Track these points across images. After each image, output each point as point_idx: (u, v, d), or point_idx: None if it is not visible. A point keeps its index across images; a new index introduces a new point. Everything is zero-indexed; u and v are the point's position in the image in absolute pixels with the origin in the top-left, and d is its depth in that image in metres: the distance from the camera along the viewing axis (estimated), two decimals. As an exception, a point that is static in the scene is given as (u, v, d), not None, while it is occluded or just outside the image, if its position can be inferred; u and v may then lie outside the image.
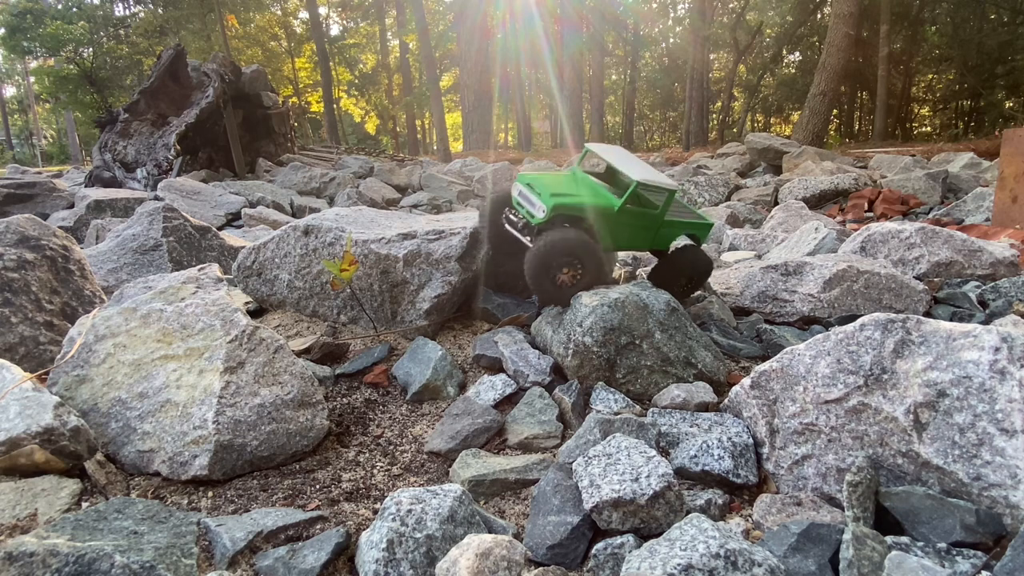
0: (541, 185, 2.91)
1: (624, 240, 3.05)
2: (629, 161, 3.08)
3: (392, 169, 17.78)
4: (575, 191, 2.94)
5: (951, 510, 1.61)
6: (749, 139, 15.37)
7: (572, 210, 2.82)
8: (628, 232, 3.02)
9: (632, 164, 3.03)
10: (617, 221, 2.93)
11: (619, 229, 2.98)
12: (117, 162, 16.19)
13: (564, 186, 2.96)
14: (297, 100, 42.28)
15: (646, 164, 3.13)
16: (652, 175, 2.92)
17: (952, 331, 1.84)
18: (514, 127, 51.34)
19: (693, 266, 3.26)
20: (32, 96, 51.46)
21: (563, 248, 2.74)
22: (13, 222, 3.29)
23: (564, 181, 3.05)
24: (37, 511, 1.85)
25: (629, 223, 2.99)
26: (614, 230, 2.97)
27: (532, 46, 34.31)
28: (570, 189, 2.96)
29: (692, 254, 3.25)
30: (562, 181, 3.04)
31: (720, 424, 2.21)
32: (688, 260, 3.25)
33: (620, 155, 3.15)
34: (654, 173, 2.97)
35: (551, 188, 2.87)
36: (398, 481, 2.20)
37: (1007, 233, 5.15)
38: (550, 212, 2.77)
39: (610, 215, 2.89)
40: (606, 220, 2.90)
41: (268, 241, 3.50)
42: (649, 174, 2.92)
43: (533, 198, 2.88)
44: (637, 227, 3.04)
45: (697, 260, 3.27)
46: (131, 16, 39.64)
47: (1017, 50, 27.97)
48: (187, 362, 2.34)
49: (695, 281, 3.34)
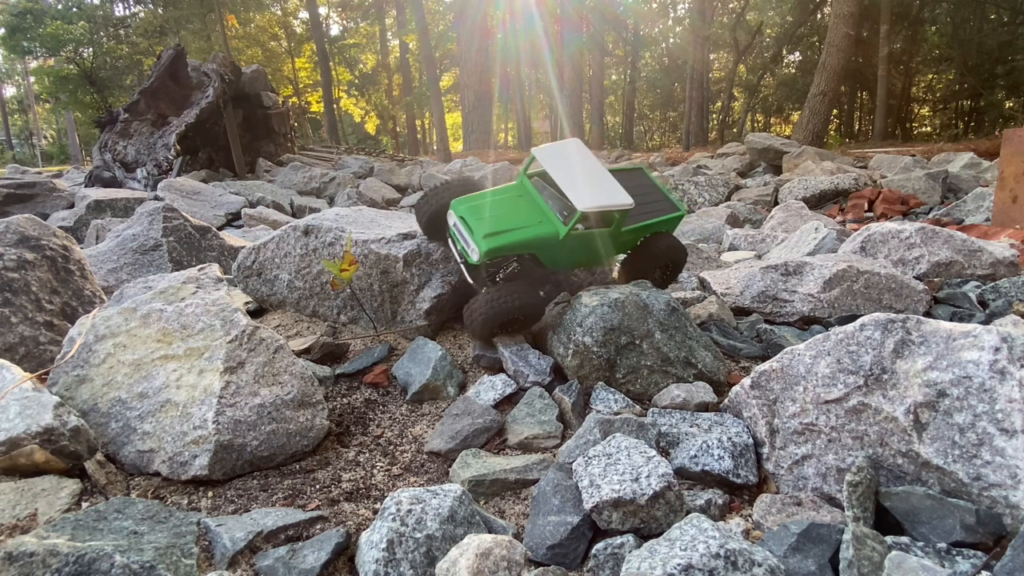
0: (475, 218, 2.65)
1: (578, 259, 2.86)
2: (577, 175, 2.74)
3: (392, 169, 17.78)
4: (514, 219, 2.66)
5: (951, 510, 1.61)
6: (749, 139, 15.37)
7: (508, 249, 2.60)
8: (580, 253, 2.82)
9: (580, 181, 2.70)
10: (565, 246, 2.70)
11: (569, 252, 2.77)
12: (117, 162, 16.19)
13: (502, 214, 2.68)
14: (297, 100, 42.29)
15: (599, 171, 2.82)
16: (600, 198, 2.62)
17: (952, 331, 1.84)
18: (514, 127, 51.35)
19: (666, 255, 3.08)
20: (32, 96, 51.46)
21: (507, 310, 2.61)
22: (13, 222, 3.29)
23: (504, 204, 2.75)
24: (37, 511, 1.85)
25: (580, 245, 2.76)
26: (563, 254, 2.76)
27: (532, 46, 34.32)
28: (508, 218, 2.67)
29: (665, 243, 3.06)
30: (501, 205, 2.74)
31: (720, 424, 2.21)
32: (661, 250, 3.05)
33: (568, 166, 2.79)
34: (605, 191, 2.67)
35: (486, 222, 2.62)
36: (398, 481, 2.20)
37: (1007, 233, 5.14)
38: (483, 256, 2.56)
39: (555, 243, 2.66)
40: (551, 248, 2.68)
41: (268, 241, 3.50)
42: (598, 196, 2.62)
43: (467, 235, 2.63)
44: (590, 247, 2.81)
45: (670, 249, 3.08)
46: (131, 16, 39.64)
47: (1017, 50, 27.97)
48: (187, 362, 2.34)
49: (670, 271, 3.18)
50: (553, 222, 2.67)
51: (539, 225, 2.66)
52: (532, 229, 2.63)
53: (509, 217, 2.67)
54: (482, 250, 2.55)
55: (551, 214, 2.71)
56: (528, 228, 2.63)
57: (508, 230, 2.61)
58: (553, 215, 2.70)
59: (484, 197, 2.79)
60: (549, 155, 2.82)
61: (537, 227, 2.64)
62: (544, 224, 2.66)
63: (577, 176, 2.71)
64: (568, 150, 2.88)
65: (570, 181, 2.66)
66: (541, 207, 2.75)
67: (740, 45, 33.48)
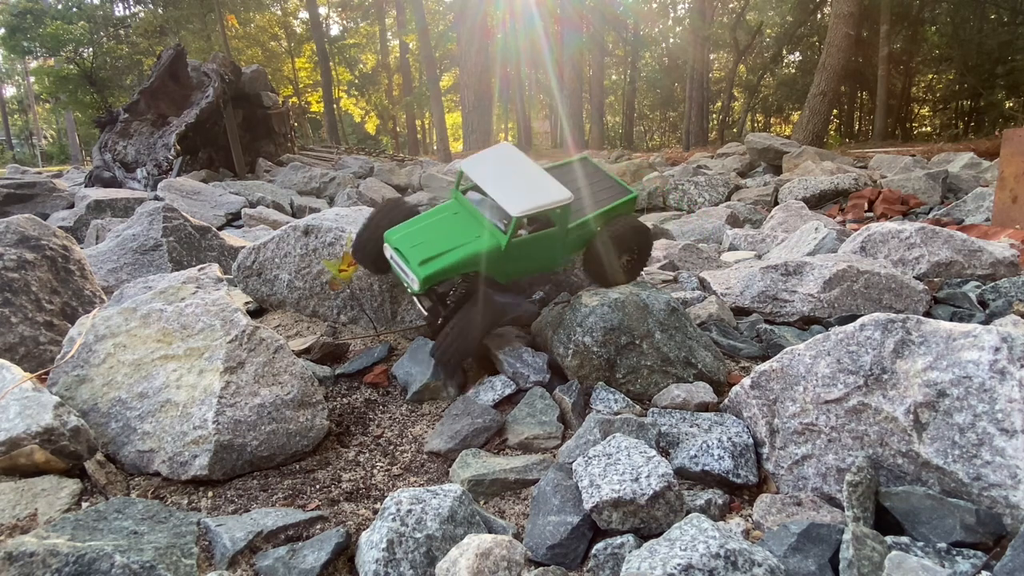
0: (409, 246, 2.52)
1: (531, 266, 2.73)
2: (508, 180, 2.61)
3: (392, 169, 17.78)
4: (450, 240, 2.55)
5: (951, 510, 1.61)
6: (749, 139, 15.38)
7: (449, 272, 2.48)
8: (532, 260, 2.69)
9: (511, 185, 2.57)
10: (511, 257, 2.58)
11: (518, 262, 2.64)
12: (117, 162, 16.19)
13: (437, 237, 2.56)
14: (297, 100, 42.29)
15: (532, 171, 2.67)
16: (534, 199, 2.50)
17: (952, 331, 1.84)
18: (514, 127, 51.36)
19: (628, 240, 2.90)
20: (32, 96, 51.47)
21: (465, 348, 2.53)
22: (13, 222, 3.29)
23: (439, 226, 2.63)
24: (37, 511, 1.85)
25: (528, 252, 2.64)
26: (512, 265, 2.63)
27: (532, 46, 34.34)
28: (444, 239, 2.55)
29: (622, 226, 2.89)
30: (436, 227, 2.62)
31: (720, 424, 2.21)
32: (619, 235, 2.88)
33: (497, 173, 2.66)
34: (539, 191, 2.55)
35: (420, 248, 2.50)
36: (398, 481, 2.20)
37: (1007, 233, 5.14)
38: (422, 285, 2.44)
39: (500, 256, 2.54)
40: (497, 261, 2.55)
41: (268, 241, 3.50)
42: (532, 197, 2.50)
43: (404, 266, 2.52)
44: (540, 251, 2.68)
45: (631, 232, 2.91)
46: (131, 16, 39.64)
47: (1017, 50, 27.97)
48: (187, 362, 2.34)
49: (637, 255, 3.00)
50: (494, 234, 2.55)
51: (478, 240, 2.53)
52: (471, 246, 2.51)
53: (445, 238, 2.55)
54: (420, 278, 2.42)
55: (490, 226, 2.58)
56: (466, 245, 2.51)
57: (445, 252, 2.49)
58: (493, 227, 2.58)
59: (418, 222, 2.66)
60: (476, 165, 2.70)
61: (476, 243, 2.52)
62: (484, 238, 2.54)
63: (507, 181, 2.59)
64: (496, 156, 2.76)
65: (500, 188, 2.54)
66: (479, 221, 2.62)
67: (740, 45, 33.48)
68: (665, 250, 5.42)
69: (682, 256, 5.24)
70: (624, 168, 14.97)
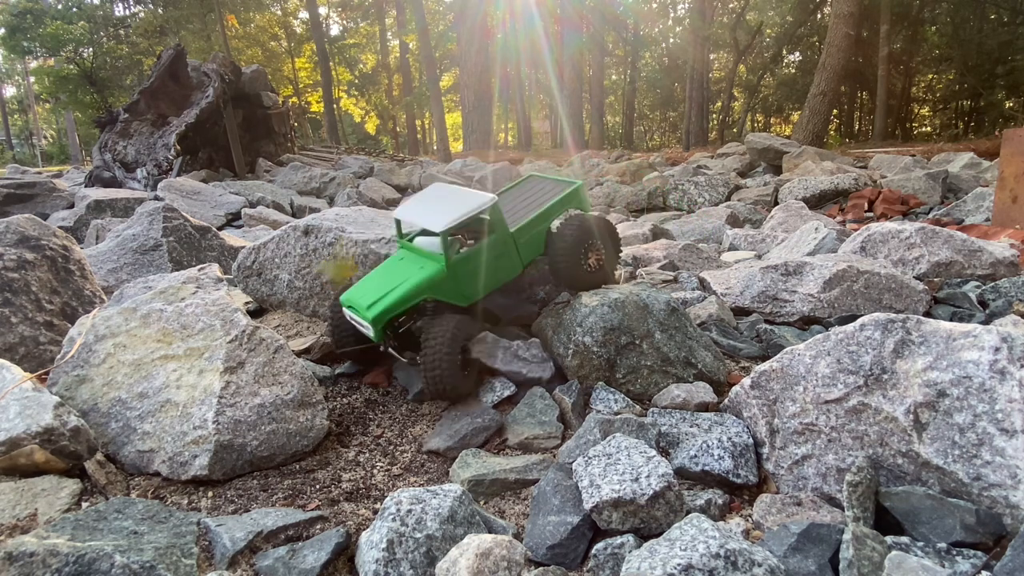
0: (358, 298, 2.58)
1: (487, 281, 2.70)
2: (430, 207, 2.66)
3: (392, 169, 17.79)
4: (394, 279, 2.58)
5: (951, 510, 1.61)
6: (749, 139, 15.37)
7: (398, 305, 2.50)
8: (484, 274, 2.66)
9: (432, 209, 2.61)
10: (460, 276, 2.59)
11: (471, 279, 2.63)
12: (117, 162, 16.19)
13: (382, 282, 2.61)
14: (297, 100, 42.28)
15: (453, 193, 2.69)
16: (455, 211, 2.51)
17: (952, 331, 1.84)
18: (514, 127, 51.36)
19: (583, 234, 2.77)
20: (32, 96, 51.46)
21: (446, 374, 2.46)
22: (13, 222, 3.29)
23: (383, 272, 2.70)
24: (37, 511, 1.85)
25: (475, 267, 2.63)
26: (465, 284, 2.62)
27: (532, 46, 34.33)
28: (389, 281, 2.59)
29: (577, 226, 2.77)
30: (381, 275, 2.69)
31: (720, 424, 2.21)
32: (575, 233, 2.76)
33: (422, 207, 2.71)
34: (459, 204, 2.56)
35: (367, 296, 2.56)
36: (398, 481, 2.20)
37: (1007, 233, 5.14)
38: (377, 333, 2.49)
39: (446, 277, 2.56)
40: (446, 284, 2.58)
41: (268, 241, 3.50)
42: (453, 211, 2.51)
43: (360, 320, 2.56)
44: (490, 263, 2.65)
45: (590, 228, 2.78)
46: (131, 16, 39.63)
47: (1017, 50, 27.96)
48: (187, 362, 2.34)
49: (601, 253, 2.87)
50: (435, 260, 2.58)
51: (421, 271, 2.58)
52: (415, 277, 2.55)
53: (389, 280, 2.61)
54: (370, 320, 2.45)
55: (431, 256, 2.63)
56: (410, 279, 2.55)
57: (390, 290, 2.53)
58: (433, 256, 2.62)
59: (367, 279, 2.72)
60: (408, 208, 2.79)
61: (419, 273, 2.57)
62: (426, 267, 2.58)
63: (429, 208, 2.65)
64: (426, 195, 2.84)
65: (425, 216, 2.59)
66: (422, 256, 2.67)
67: (740, 45, 33.47)
68: (665, 250, 5.42)
69: (682, 256, 5.24)
70: (624, 168, 14.97)
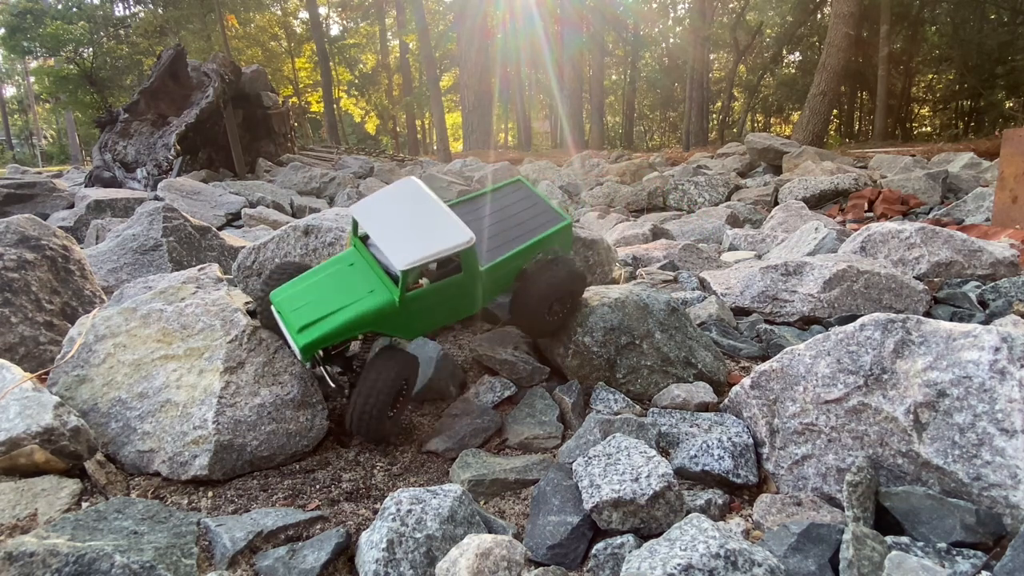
0: (290, 309, 2.18)
1: (439, 319, 2.36)
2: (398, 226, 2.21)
3: (392, 169, 17.80)
4: (337, 298, 2.18)
5: (951, 510, 1.61)
6: (749, 139, 15.38)
7: (333, 338, 2.13)
8: (438, 312, 2.32)
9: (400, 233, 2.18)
10: (411, 312, 2.22)
11: (422, 315, 2.27)
12: (117, 162, 16.19)
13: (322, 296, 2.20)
14: (297, 100, 42.29)
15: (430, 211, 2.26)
16: (426, 246, 2.11)
17: (952, 331, 1.84)
18: (514, 127, 51.39)
19: (559, 285, 2.48)
20: (32, 96, 51.47)
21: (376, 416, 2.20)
22: (13, 222, 3.29)
23: (327, 283, 2.26)
24: (37, 511, 1.85)
25: (433, 304, 2.26)
26: (415, 321, 2.26)
27: (532, 46, 34.36)
28: (330, 298, 2.19)
29: (554, 271, 2.48)
30: (324, 284, 2.25)
31: (720, 424, 2.21)
32: (550, 279, 2.46)
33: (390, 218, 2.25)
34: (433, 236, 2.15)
35: (301, 311, 2.17)
36: (398, 481, 2.20)
37: (1007, 233, 5.14)
38: (304, 355, 2.11)
39: (394, 313, 2.18)
40: (393, 319, 2.19)
41: (268, 241, 3.50)
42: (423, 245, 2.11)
43: (285, 331, 2.20)
44: (449, 302, 2.31)
45: (566, 276, 2.49)
46: (131, 16, 39.63)
47: (1017, 50, 27.96)
48: (187, 362, 2.34)
49: (569, 303, 2.60)
50: (388, 287, 2.20)
51: (369, 297, 2.18)
52: (359, 305, 2.16)
53: (331, 297, 2.20)
54: (299, 347, 2.09)
55: (385, 279, 2.23)
56: (354, 305, 2.16)
57: (328, 315, 2.14)
58: (388, 279, 2.22)
59: (307, 279, 2.30)
60: (369, 209, 2.31)
61: (366, 300, 2.17)
62: (376, 294, 2.18)
63: (398, 228, 2.20)
64: (393, 197, 2.34)
65: (389, 237, 2.17)
66: (375, 274, 2.25)
67: (740, 45, 33.48)
68: (665, 250, 5.42)
69: (682, 256, 5.24)
70: (624, 168, 14.98)
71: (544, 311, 2.51)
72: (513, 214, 2.69)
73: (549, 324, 2.59)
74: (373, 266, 2.29)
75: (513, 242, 2.53)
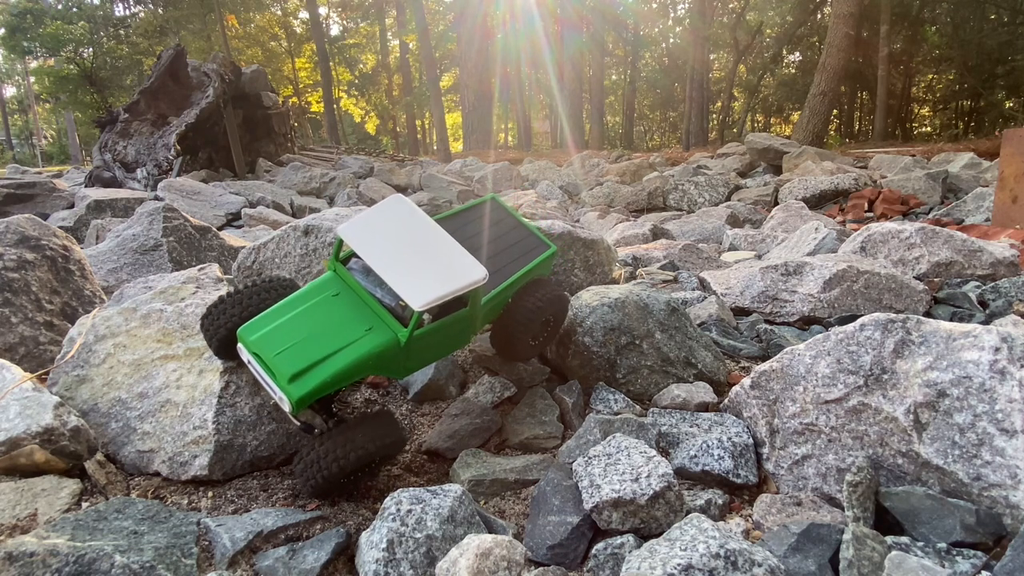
0: (273, 352, 1.88)
1: (435, 355, 2.23)
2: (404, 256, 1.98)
3: (392, 169, 17.80)
4: (330, 339, 1.91)
5: (951, 510, 1.61)
6: (749, 139, 15.39)
7: (332, 386, 1.88)
8: (436, 349, 2.18)
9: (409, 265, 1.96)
10: (414, 350, 2.02)
11: (423, 353, 2.10)
12: (117, 162, 16.19)
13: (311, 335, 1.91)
14: (297, 100, 42.28)
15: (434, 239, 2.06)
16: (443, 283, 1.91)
17: (952, 331, 1.84)
18: (514, 127, 51.39)
19: (543, 310, 2.40)
20: (32, 96, 51.48)
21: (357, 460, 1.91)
22: (13, 222, 3.29)
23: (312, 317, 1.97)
24: (37, 511, 1.85)
25: (434, 342, 2.10)
26: (415, 359, 2.09)
27: (532, 46, 34.36)
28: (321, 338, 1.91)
29: (539, 296, 2.39)
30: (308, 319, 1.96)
31: (720, 424, 2.21)
32: (537, 305, 2.37)
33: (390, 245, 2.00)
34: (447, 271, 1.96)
35: (289, 356, 1.86)
36: (398, 481, 2.20)
37: (1007, 233, 5.14)
38: (298, 407, 1.83)
39: (398, 352, 1.96)
40: (395, 359, 1.98)
41: (268, 241, 3.50)
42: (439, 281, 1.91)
43: (268, 379, 1.88)
44: (448, 338, 2.16)
45: (546, 304, 2.39)
46: (131, 16, 39.65)
47: (1017, 50, 27.97)
48: (187, 362, 2.34)
49: (551, 327, 2.56)
50: (389, 324, 1.95)
51: (369, 336, 1.92)
52: (359, 346, 1.90)
53: (322, 336, 1.91)
54: (292, 401, 1.81)
55: (383, 313, 1.98)
56: (353, 346, 1.90)
57: (324, 358, 1.87)
58: (386, 314, 1.98)
59: (282, 312, 1.98)
60: (362, 232, 2.02)
61: (366, 340, 1.91)
62: (376, 333, 1.93)
63: (404, 259, 1.97)
64: (387, 218, 2.08)
65: (396, 269, 1.93)
66: (368, 306, 2.00)
67: (740, 45, 33.48)
68: (665, 250, 5.42)
69: (682, 256, 5.24)
70: (624, 168, 14.98)
71: (528, 339, 2.43)
72: (500, 238, 2.52)
73: (533, 349, 2.52)
74: (364, 297, 2.02)
75: (505, 270, 2.40)
